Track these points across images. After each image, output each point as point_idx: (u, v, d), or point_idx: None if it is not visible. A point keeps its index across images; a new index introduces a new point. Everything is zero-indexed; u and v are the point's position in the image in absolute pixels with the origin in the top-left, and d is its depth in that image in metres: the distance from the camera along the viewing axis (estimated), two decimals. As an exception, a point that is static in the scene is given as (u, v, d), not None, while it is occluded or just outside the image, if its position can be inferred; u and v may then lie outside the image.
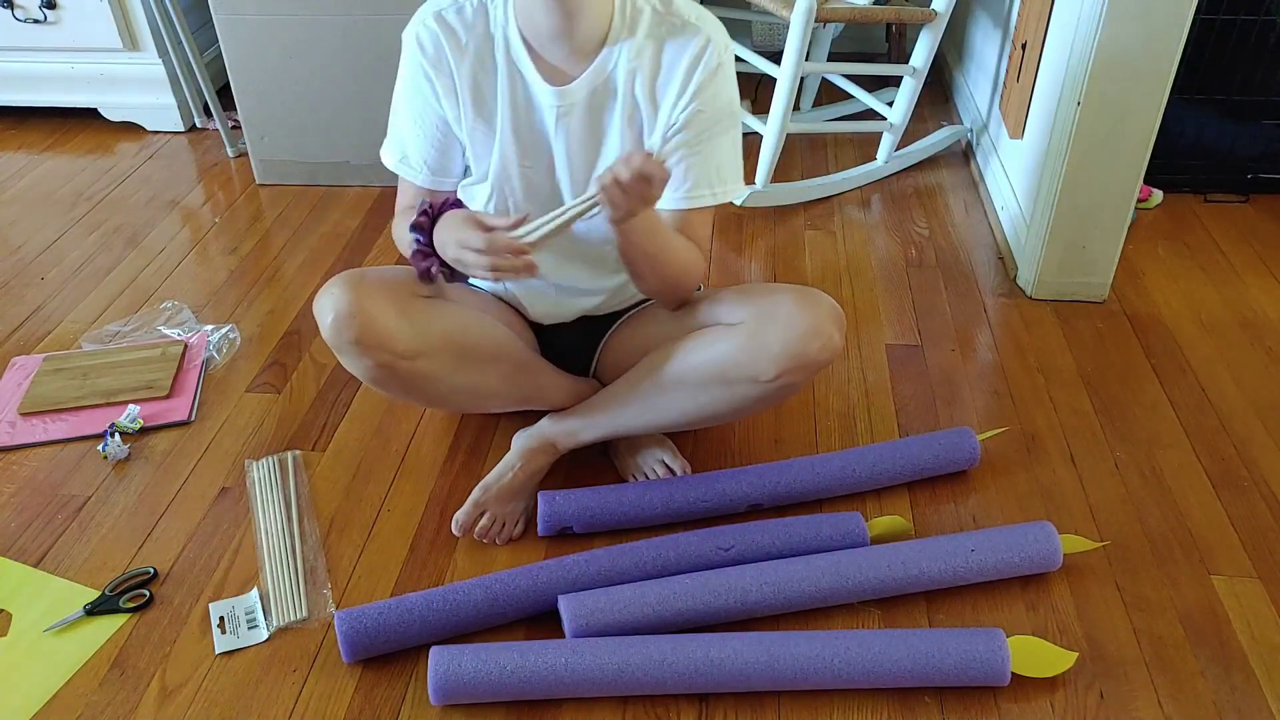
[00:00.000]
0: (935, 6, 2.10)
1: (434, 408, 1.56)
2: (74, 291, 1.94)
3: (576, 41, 1.19)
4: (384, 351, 1.20)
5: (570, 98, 1.22)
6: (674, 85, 1.21)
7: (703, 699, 1.15)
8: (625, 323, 1.45)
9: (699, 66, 1.20)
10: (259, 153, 2.30)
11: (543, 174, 1.28)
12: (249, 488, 1.45)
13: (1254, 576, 1.31)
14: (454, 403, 1.45)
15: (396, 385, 1.27)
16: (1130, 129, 1.68)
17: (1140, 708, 1.15)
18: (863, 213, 2.20)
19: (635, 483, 1.42)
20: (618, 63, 1.21)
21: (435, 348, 1.25)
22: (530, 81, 1.22)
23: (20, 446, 1.55)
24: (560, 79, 1.21)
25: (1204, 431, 1.55)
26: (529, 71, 1.21)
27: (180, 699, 1.16)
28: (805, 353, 1.21)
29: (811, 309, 1.21)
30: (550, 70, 1.21)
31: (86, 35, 2.44)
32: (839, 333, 1.22)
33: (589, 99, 1.22)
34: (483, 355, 1.33)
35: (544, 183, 1.29)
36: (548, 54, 1.20)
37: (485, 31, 1.21)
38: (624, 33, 1.20)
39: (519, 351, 1.39)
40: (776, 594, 1.22)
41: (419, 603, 1.20)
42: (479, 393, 1.37)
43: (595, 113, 1.24)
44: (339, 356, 1.23)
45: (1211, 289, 1.91)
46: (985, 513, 1.41)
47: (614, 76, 1.22)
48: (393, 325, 1.19)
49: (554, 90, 1.21)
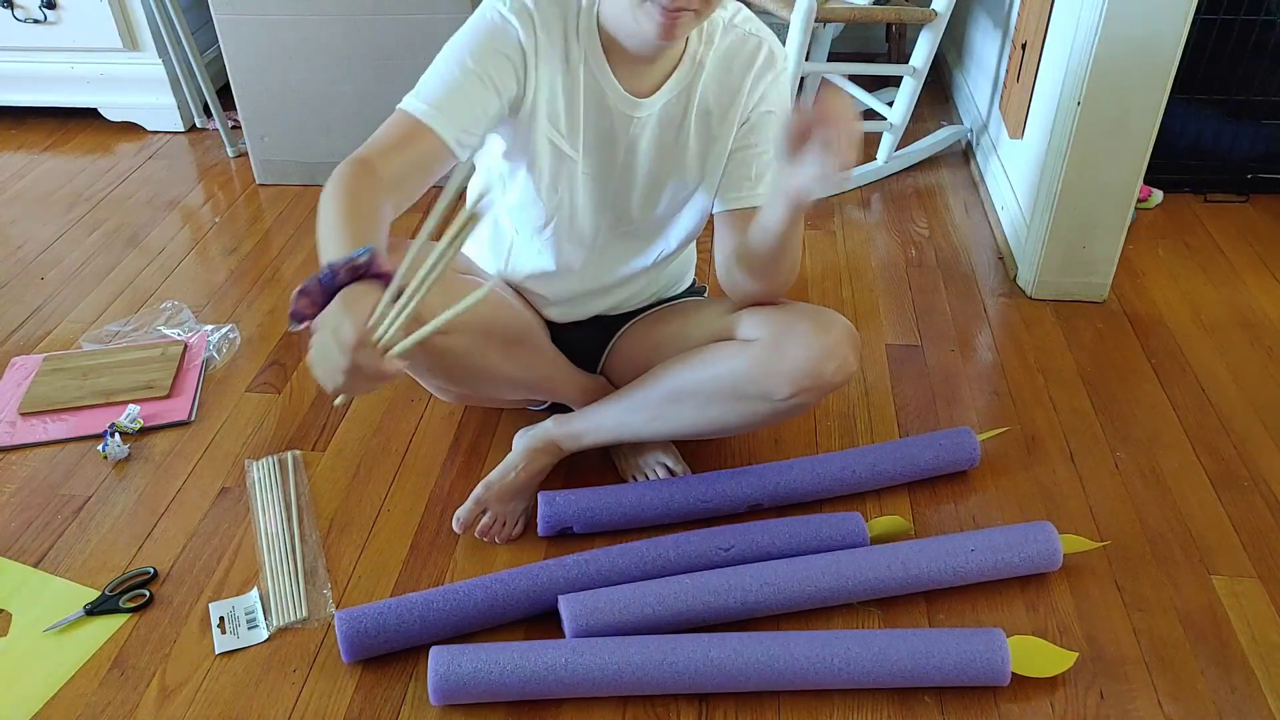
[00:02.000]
0: (935, 6, 2.10)
1: (450, 386, 1.44)
2: (74, 291, 1.94)
3: (661, 60, 1.20)
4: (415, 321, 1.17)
5: (646, 110, 1.22)
6: (743, 95, 1.23)
7: (702, 699, 1.15)
8: (637, 324, 1.46)
9: (767, 74, 1.23)
10: (259, 153, 2.30)
11: (602, 182, 1.27)
12: (249, 488, 1.45)
13: (1254, 576, 1.31)
14: (471, 383, 1.39)
15: (423, 358, 1.25)
16: (1130, 129, 1.68)
17: (1140, 708, 1.15)
18: (863, 213, 2.20)
19: (636, 484, 1.42)
20: (694, 77, 1.22)
21: (467, 323, 1.22)
22: (607, 91, 1.21)
23: (20, 446, 1.55)
24: (637, 90, 1.21)
25: (1204, 431, 1.55)
26: (607, 81, 1.20)
27: (180, 699, 1.16)
28: (820, 373, 1.21)
29: (828, 331, 1.21)
30: (628, 80, 1.21)
31: (86, 35, 2.44)
32: (854, 355, 1.23)
33: (663, 111, 1.23)
34: (510, 337, 1.33)
35: (600, 191, 1.28)
36: (628, 66, 1.20)
37: (563, 33, 1.18)
38: (701, 47, 1.22)
39: (539, 339, 1.39)
40: (776, 594, 1.22)
41: (419, 603, 1.20)
42: (497, 376, 1.35)
43: (669, 124, 1.24)
44: None
45: (1211, 289, 1.91)
46: (985, 513, 1.41)
47: (690, 89, 1.23)
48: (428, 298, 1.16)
49: (634, 101, 1.21)
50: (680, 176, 1.28)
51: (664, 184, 1.28)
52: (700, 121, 1.24)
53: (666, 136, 1.25)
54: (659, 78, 1.21)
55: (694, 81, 1.22)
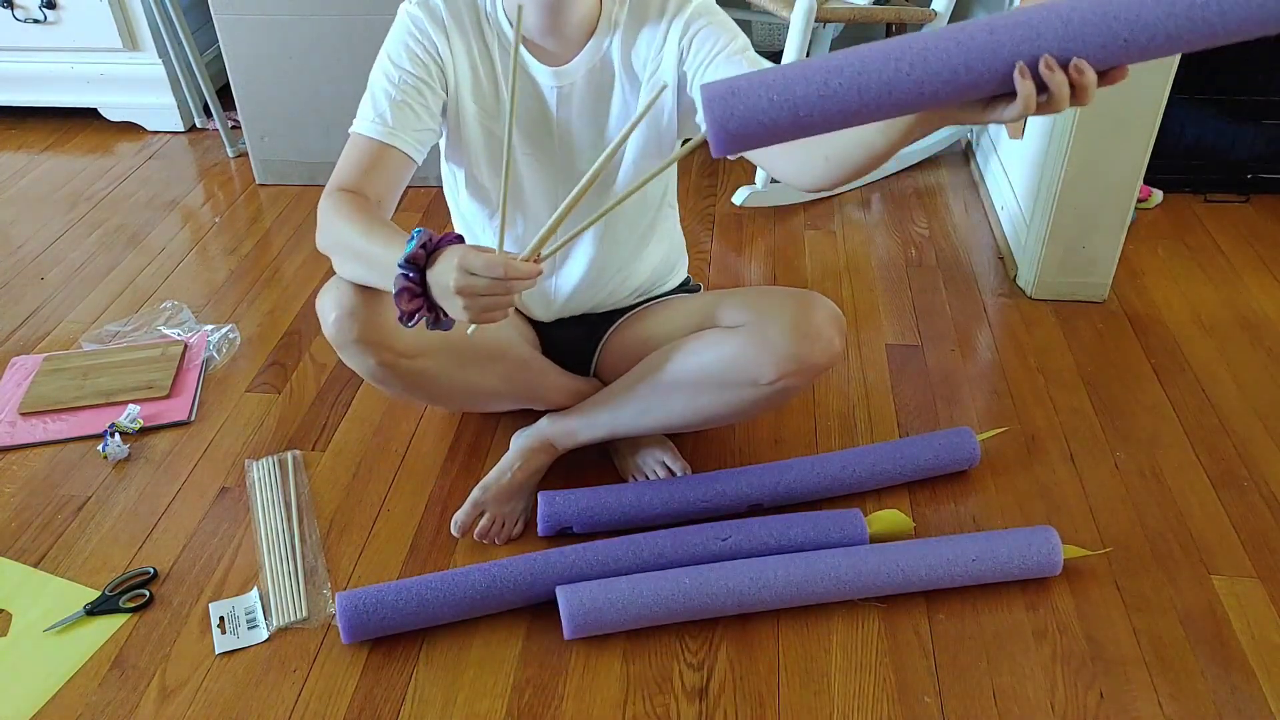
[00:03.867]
0: (935, 6, 2.10)
1: (435, 405, 1.56)
2: (74, 291, 1.94)
3: (566, 33, 1.20)
4: (386, 350, 1.20)
5: (569, 77, 1.22)
6: (666, 40, 1.20)
7: (703, 699, 1.16)
8: (626, 321, 1.45)
9: (684, 9, 1.19)
10: (259, 153, 2.30)
11: (546, 158, 1.28)
12: (249, 488, 1.45)
13: (1254, 576, 1.31)
14: (455, 401, 1.46)
15: (398, 383, 1.27)
16: (1130, 129, 1.68)
17: (1140, 708, 1.15)
18: (863, 213, 2.20)
19: (635, 483, 1.42)
20: (613, 39, 1.22)
21: (437, 346, 1.25)
22: (527, 65, 1.22)
23: (20, 446, 1.55)
24: (556, 60, 1.22)
25: (1204, 431, 1.55)
26: (525, 57, 1.21)
27: (180, 699, 1.16)
28: (805, 356, 1.21)
29: (811, 312, 1.21)
30: (545, 53, 1.22)
31: (86, 35, 2.44)
32: (839, 336, 1.22)
33: (588, 76, 1.23)
34: (485, 354, 1.33)
35: (547, 167, 1.29)
36: (541, 37, 1.21)
37: (477, 19, 1.21)
38: (615, 7, 1.21)
39: (521, 350, 1.39)
40: (775, 595, 1.22)
41: (418, 585, 1.22)
42: (480, 391, 1.37)
43: (595, 89, 1.24)
44: (340, 354, 1.23)
45: (1211, 289, 1.91)
46: (985, 513, 1.41)
47: (609, 55, 1.22)
48: (395, 324, 1.19)
49: (551, 71, 1.22)
50: None
51: (603, 149, 1.27)
52: (629, 79, 1.24)
53: (598, 102, 1.25)
54: (576, 45, 1.21)
55: (611, 41, 1.22)
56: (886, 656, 1.20)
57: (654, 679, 1.18)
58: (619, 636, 1.22)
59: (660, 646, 1.22)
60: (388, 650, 1.22)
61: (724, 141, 0.81)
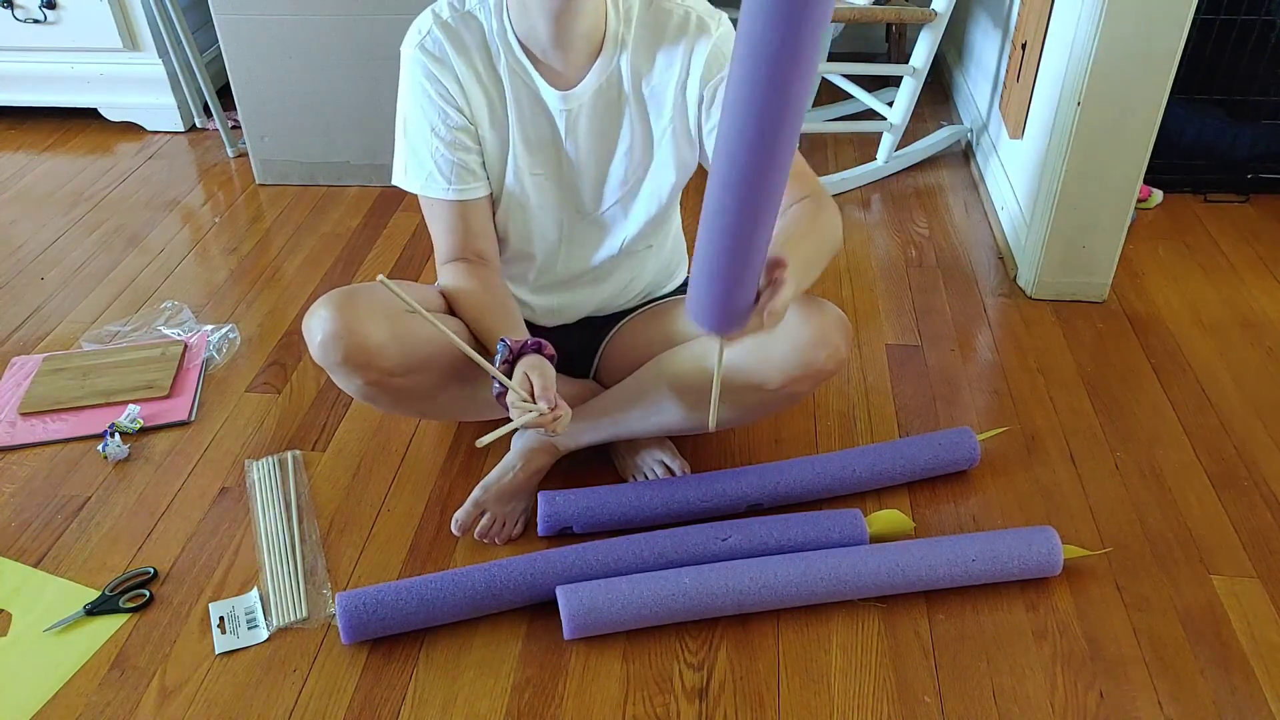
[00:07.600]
0: (935, 6, 2.10)
1: (430, 419, 1.56)
2: (74, 291, 1.94)
3: (576, 46, 1.19)
4: (373, 370, 1.19)
5: (576, 100, 1.22)
6: (680, 65, 1.21)
7: (703, 699, 1.16)
8: (627, 324, 1.45)
9: (702, 40, 1.19)
10: (259, 153, 2.30)
11: (555, 179, 1.28)
12: (249, 488, 1.45)
13: (1254, 576, 1.31)
14: (448, 414, 1.46)
15: (388, 401, 1.28)
16: (1130, 129, 1.68)
17: (1140, 708, 1.15)
18: (863, 213, 2.20)
19: (635, 483, 1.42)
20: (619, 60, 1.21)
21: (425, 364, 1.24)
22: (537, 88, 1.22)
23: (20, 446, 1.55)
24: (565, 83, 1.22)
25: (1204, 431, 1.55)
26: (534, 78, 1.21)
27: (180, 699, 1.16)
28: (812, 362, 1.20)
29: (818, 319, 1.21)
30: (554, 75, 1.21)
31: (86, 35, 2.44)
32: (845, 343, 1.22)
33: (595, 99, 1.23)
34: (476, 370, 1.33)
35: (555, 188, 1.29)
36: (550, 60, 1.20)
37: (482, 42, 1.21)
38: (622, 29, 1.20)
39: None
40: (775, 595, 1.22)
41: (418, 585, 1.22)
42: (471, 405, 1.36)
43: (602, 112, 1.24)
44: (329, 374, 1.23)
45: (1211, 289, 1.91)
46: (985, 513, 1.41)
47: (618, 74, 1.22)
48: (381, 344, 1.18)
49: (559, 94, 1.22)
50: (627, 159, 1.27)
51: (612, 169, 1.28)
52: (638, 101, 1.24)
53: (606, 122, 1.25)
54: (583, 62, 1.21)
55: (620, 61, 1.22)
56: (886, 656, 1.20)
57: (654, 679, 1.18)
58: (619, 636, 1.22)
59: (660, 646, 1.22)
60: (388, 650, 1.22)
61: None
